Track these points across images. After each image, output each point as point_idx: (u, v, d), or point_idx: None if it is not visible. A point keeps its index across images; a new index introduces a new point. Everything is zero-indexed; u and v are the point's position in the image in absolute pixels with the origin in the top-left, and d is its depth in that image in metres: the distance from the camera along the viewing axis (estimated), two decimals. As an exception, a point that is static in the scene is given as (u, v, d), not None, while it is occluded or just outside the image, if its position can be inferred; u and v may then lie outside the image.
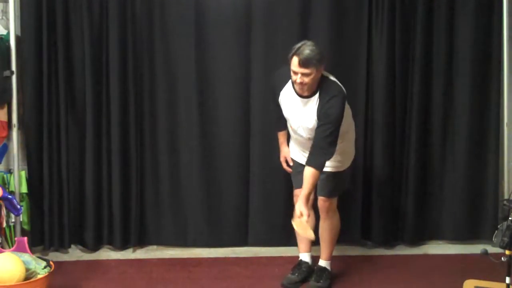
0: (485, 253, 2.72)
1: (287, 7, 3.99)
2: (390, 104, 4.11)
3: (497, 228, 2.80)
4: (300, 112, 3.32)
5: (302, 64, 3.14)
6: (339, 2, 4.02)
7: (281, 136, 3.70)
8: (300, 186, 3.56)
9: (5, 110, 3.82)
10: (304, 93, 3.27)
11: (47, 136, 3.91)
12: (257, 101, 4.04)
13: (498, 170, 4.22)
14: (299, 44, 3.20)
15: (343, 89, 3.30)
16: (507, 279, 2.69)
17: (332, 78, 3.34)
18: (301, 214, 3.16)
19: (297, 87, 3.27)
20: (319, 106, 3.24)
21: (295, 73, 3.19)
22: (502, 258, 2.67)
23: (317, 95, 3.27)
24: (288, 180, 3.75)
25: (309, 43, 3.22)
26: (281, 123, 3.58)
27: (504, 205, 3.49)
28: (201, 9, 3.98)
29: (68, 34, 3.92)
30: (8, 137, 3.88)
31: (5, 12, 3.83)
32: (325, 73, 3.32)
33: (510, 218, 2.73)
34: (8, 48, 3.75)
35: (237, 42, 4.04)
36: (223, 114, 4.10)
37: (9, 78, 3.76)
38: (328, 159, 3.27)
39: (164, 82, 4.06)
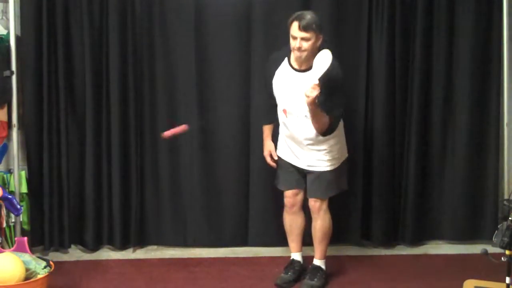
0: (485, 253, 2.71)
1: (287, 7, 3.98)
2: (390, 104, 4.11)
3: (497, 228, 2.80)
4: (297, 89, 3.28)
5: (302, 28, 3.17)
6: (339, 2, 4.02)
7: (267, 129, 3.69)
8: (291, 187, 3.58)
9: (5, 110, 3.82)
10: (302, 64, 3.28)
11: (47, 136, 3.91)
12: (257, 100, 4.03)
13: (498, 170, 4.22)
14: (298, 12, 3.25)
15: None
16: (507, 279, 2.68)
17: None
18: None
19: (295, 55, 3.27)
20: None
21: (294, 38, 3.21)
22: (502, 258, 2.67)
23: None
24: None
25: (308, 11, 3.27)
26: (269, 115, 3.59)
27: (504, 205, 3.49)
28: (201, 9, 3.98)
29: (68, 34, 3.92)
30: (8, 137, 3.87)
31: (5, 12, 3.83)
32: (323, 48, 3.32)
33: (510, 218, 2.73)
34: (8, 48, 3.75)
35: (237, 42, 4.04)
36: (223, 114, 4.10)
37: (9, 78, 3.76)
38: (336, 115, 3.27)
39: (164, 82, 4.06)
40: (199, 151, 4.10)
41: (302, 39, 3.18)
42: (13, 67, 3.76)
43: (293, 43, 3.22)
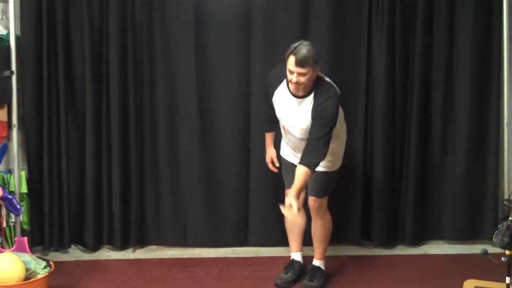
0: (485, 253, 2.72)
1: (287, 7, 3.99)
2: (390, 104, 4.11)
3: (497, 228, 2.80)
4: (294, 112, 3.32)
5: (299, 63, 3.14)
6: (339, 2, 4.02)
7: (269, 137, 3.71)
8: (291, 185, 3.58)
9: (5, 110, 3.82)
10: (299, 93, 3.28)
11: (47, 136, 3.91)
12: (257, 101, 4.03)
13: (498, 170, 4.22)
14: (296, 44, 3.21)
15: (338, 90, 3.31)
16: (507, 279, 2.69)
17: (327, 79, 3.35)
18: (291, 206, 3.14)
19: (292, 87, 3.27)
20: (314, 107, 3.25)
21: (291, 72, 3.19)
22: (502, 258, 2.67)
23: (312, 95, 3.27)
24: (288, 180, 3.75)
25: (306, 43, 3.22)
26: (271, 124, 3.60)
27: (504, 205, 3.49)
28: (201, 9, 3.98)
29: (68, 34, 3.92)
30: (8, 137, 3.87)
31: (5, 12, 3.83)
32: (321, 74, 3.33)
33: (510, 218, 2.73)
34: (8, 48, 3.75)
35: (237, 43, 4.04)
36: (223, 114, 4.10)
37: (9, 78, 3.76)
38: (322, 159, 3.28)
39: (164, 82, 4.06)
40: (199, 151, 4.10)
41: (299, 74, 3.17)
42: (13, 67, 3.76)
43: (290, 76, 3.20)
